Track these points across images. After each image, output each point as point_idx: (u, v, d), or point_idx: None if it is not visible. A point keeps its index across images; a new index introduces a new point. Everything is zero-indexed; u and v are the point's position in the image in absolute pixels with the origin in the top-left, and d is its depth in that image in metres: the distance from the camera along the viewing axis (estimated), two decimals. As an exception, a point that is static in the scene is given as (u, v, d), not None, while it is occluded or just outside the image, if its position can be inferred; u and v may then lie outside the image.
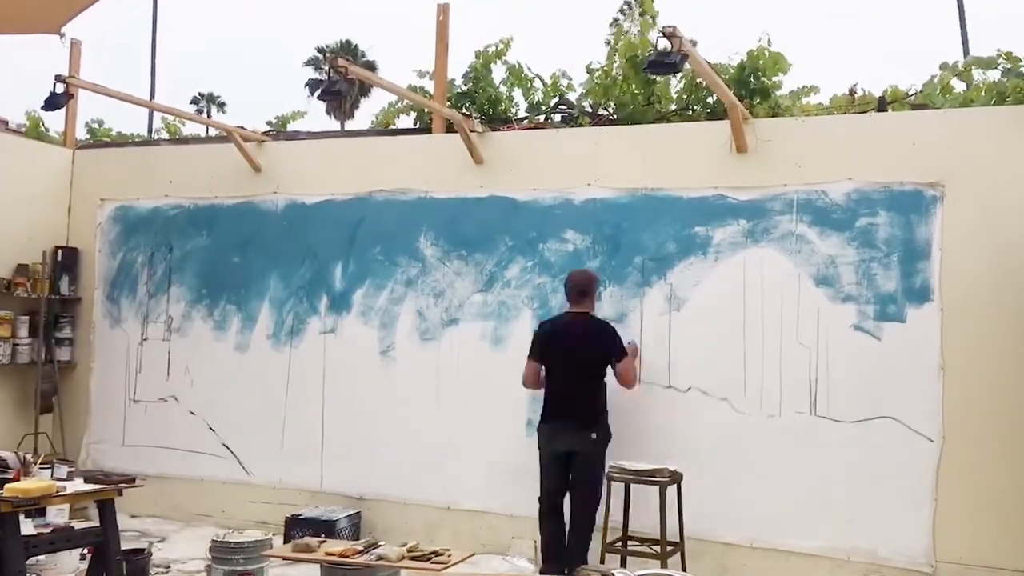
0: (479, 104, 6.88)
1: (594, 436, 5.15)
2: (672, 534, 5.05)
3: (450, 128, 6.45)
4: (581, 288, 5.36)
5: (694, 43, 4.62)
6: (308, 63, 37.13)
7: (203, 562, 5.38)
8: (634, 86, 6.46)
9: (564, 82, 6.93)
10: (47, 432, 7.04)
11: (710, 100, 6.30)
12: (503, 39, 7.03)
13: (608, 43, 6.80)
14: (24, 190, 7.19)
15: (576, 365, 5.24)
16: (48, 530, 4.84)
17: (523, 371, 5.44)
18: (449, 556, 4.27)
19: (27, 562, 4.17)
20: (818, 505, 5.26)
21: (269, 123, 8.15)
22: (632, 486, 5.17)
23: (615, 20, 6.86)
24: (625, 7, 6.56)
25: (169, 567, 5.61)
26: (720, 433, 5.47)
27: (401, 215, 6.41)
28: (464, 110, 6.75)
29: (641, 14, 6.60)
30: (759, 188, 5.52)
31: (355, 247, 6.52)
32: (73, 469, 5.15)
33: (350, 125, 29.63)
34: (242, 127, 7.19)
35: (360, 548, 4.35)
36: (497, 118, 6.82)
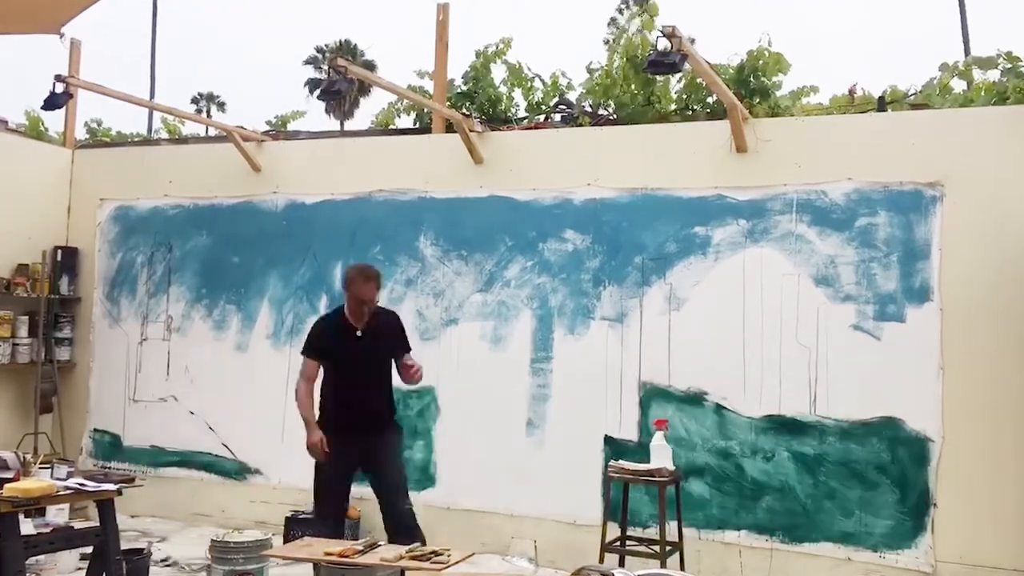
0: (479, 104, 6.87)
1: None
2: (671, 534, 5.05)
3: (450, 128, 6.45)
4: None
5: (692, 41, 4.62)
6: (308, 62, 37.14)
7: (203, 561, 5.38)
8: (634, 86, 6.45)
9: (564, 82, 6.92)
10: (47, 432, 7.04)
11: (710, 100, 6.29)
12: (503, 39, 7.02)
13: (607, 42, 6.78)
14: (24, 190, 7.19)
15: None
16: (48, 530, 4.84)
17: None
18: (449, 556, 4.26)
19: (27, 562, 4.17)
20: (818, 505, 5.26)
21: (269, 123, 8.14)
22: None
23: (612, 20, 6.79)
24: (623, 6, 6.50)
25: (169, 560, 5.62)
26: (718, 432, 5.48)
27: (401, 215, 6.41)
28: (464, 110, 6.74)
29: (641, 12, 6.58)
30: (759, 188, 5.52)
31: (355, 247, 6.52)
32: (73, 469, 5.14)
33: (350, 125, 29.63)
34: (242, 127, 7.19)
35: (360, 548, 4.34)
36: (497, 118, 6.81)
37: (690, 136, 5.83)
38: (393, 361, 4.86)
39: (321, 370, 4.83)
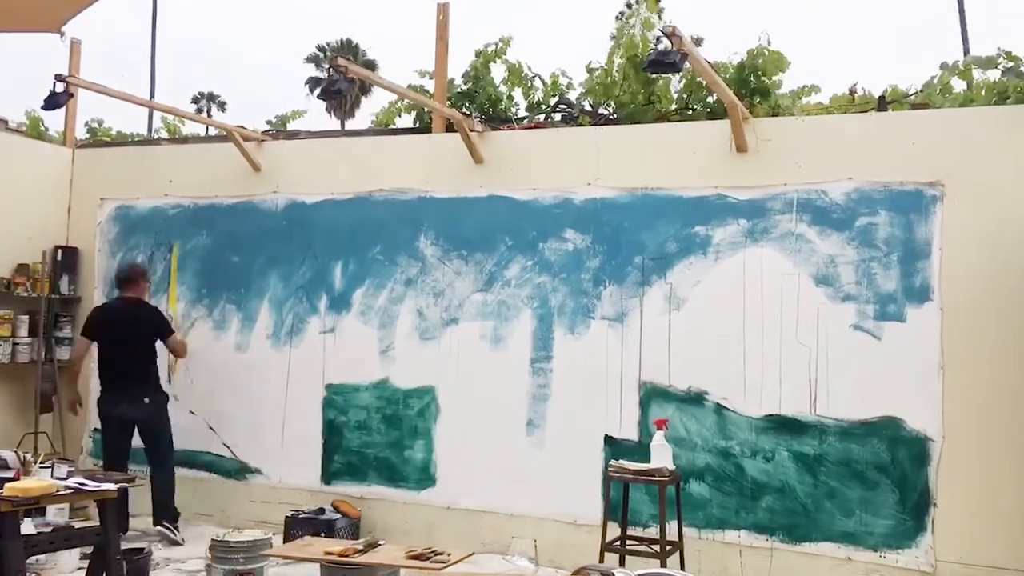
0: (479, 103, 6.87)
1: (147, 401, 6.27)
2: (671, 534, 5.05)
3: (450, 128, 6.45)
4: (128, 277, 6.44)
5: (699, 41, 4.63)
6: (309, 60, 37.17)
7: (203, 561, 5.38)
8: (634, 85, 6.45)
9: (564, 81, 6.93)
10: (47, 431, 7.03)
11: (710, 100, 6.29)
12: (503, 38, 7.02)
13: (613, 36, 6.77)
14: (24, 189, 7.19)
15: (129, 341, 6.27)
16: (48, 529, 4.83)
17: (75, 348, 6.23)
18: (449, 555, 4.27)
19: (27, 561, 4.17)
20: (818, 505, 5.26)
21: (269, 122, 8.16)
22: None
23: (621, 14, 6.81)
24: (632, 2, 6.50)
25: (169, 560, 5.61)
26: (718, 432, 5.48)
27: (401, 215, 6.41)
28: (464, 109, 6.75)
29: (645, 10, 6.58)
30: (759, 188, 5.52)
31: (355, 247, 6.52)
32: (73, 468, 5.14)
33: (350, 124, 29.65)
34: (242, 126, 7.18)
35: (360, 547, 4.35)
36: (497, 117, 6.82)
37: (690, 136, 5.83)
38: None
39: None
